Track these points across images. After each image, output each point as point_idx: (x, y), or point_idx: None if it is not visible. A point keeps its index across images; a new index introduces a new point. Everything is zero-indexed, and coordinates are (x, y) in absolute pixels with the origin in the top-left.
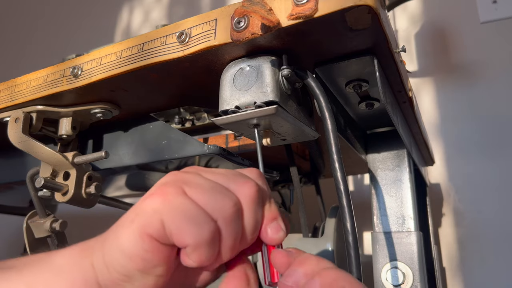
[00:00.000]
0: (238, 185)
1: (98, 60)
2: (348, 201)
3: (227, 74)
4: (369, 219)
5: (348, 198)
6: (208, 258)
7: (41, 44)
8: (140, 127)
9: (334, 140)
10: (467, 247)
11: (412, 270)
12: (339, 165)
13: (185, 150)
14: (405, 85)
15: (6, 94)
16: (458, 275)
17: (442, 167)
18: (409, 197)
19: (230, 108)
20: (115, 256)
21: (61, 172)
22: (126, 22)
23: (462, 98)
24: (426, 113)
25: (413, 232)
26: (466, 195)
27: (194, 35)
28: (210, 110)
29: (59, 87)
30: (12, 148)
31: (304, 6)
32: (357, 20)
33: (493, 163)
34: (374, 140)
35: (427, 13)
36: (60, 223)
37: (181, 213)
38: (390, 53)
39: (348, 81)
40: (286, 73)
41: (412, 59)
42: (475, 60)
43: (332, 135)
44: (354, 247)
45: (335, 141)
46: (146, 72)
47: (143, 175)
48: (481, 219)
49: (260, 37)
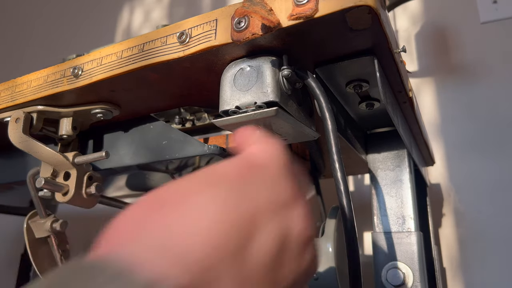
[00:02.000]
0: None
1: (98, 60)
2: (348, 201)
3: (228, 74)
4: (369, 219)
5: (348, 198)
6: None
7: (42, 44)
8: (141, 127)
9: (334, 140)
10: (467, 247)
11: (412, 270)
12: (339, 165)
13: (185, 150)
14: (406, 85)
15: (7, 94)
16: (459, 275)
17: (443, 167)
18: (409, 197)
19: (230, 109)
20: None
21: (62, 172)
22: (127, 22)
23: (463, 98)
24: (426, 113)
25: (413, 232)
26: (467, 195)
27: (194, 36)
28: (211, 110)
29: (59, 87)
30: (12, 148)
31: (304, 6)
32: (357, 20)
33: (494, 163)
34: (374, 140)
35: (428, 13)
36: (60, 223)
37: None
38: (391, 53)
39: (348, 81)
40: (286, 73)
41: (413, 59)
42: (476, 60)
43: (332, 135)
44: (355, 247)
45: (336, 141)
46: (147, 73)
47: (144, 175)
48: (482, 219)
49: (260, 38)
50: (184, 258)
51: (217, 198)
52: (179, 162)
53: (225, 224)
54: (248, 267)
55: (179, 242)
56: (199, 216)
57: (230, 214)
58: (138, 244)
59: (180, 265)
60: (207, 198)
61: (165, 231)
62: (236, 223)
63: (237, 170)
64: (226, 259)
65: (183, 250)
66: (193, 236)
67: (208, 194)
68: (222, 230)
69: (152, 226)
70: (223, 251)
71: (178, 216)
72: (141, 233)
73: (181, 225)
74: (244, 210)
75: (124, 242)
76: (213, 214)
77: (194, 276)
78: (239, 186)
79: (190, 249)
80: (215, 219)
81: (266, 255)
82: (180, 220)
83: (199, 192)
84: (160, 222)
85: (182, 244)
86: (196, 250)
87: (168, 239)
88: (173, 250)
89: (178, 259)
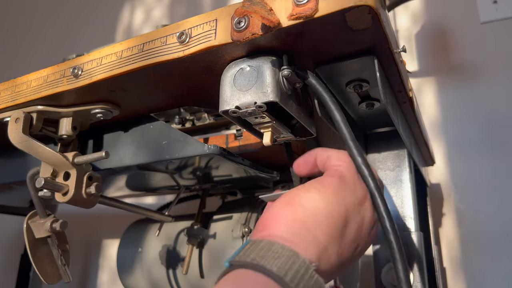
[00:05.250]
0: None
1: (98, 60)
2: (376, 186)
3: (228, 74)
4: None
5: (375, 183)
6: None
7: (41, 44)
8: (140, 127)
9: (347, 130)
10: (467, 247)
11: (413, 270)
12: (358, 152)
13: (185, 150)
14: (406, 85)
15: (7, 94)
16: (459, 275)
17: (443, 167)
18: (409, 197)
19: (230, 109)
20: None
21: (61, 172)
22: (128, 21)
23: (463, 98)
24: (426, 113)
25: (414, 232)
26: (467, 195)
27: (194, 35)
28: (210, 110)
29: (59, 87)
30: (12, 148)
31: (304, 6)
32: (357, 20)
33: (494, 163)
34: (374, 140)
35: (428, 13)
36: (60, 223)
37: None
38: (391, 53)
39: (348, 81)
40: (286, 73)
41: (413, 59)
42: (476, 60)
43: (343, 126)
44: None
45: (348, 130)
46: (147, 72)
47: (144, 175)
48: (482, 219)
49: (260, 37)
50: (314, 243)
51: (327, 203)
52: (179, 162)
53: (333, 219)
54: (343, 243)
55: (311, 232)
56: (318, 215)
57: (335, 212)
58: (291, 233)
59: (313, 245)
60: (322, 203)
61: (302, 225)
62: (338, 217)
63: (334, 183)
64: (334, 239)
65: (313, 238)
66: (317, 228)
67: (322, 201)
68: (331, 223)
69: (294, 220)
70: (333, 235)
71: (308, 216)
72: (290, 225)
73: (310, 222)
74: (342, 208)
75: (282, 231)
76: (325, 213)
77: (319, 252)
78: (337, 193)
79: (316, 238)
80: (327, 216)
81: (352, 234)
82: (309, 219)
83: (316, 200)
84: (298, 218)
85: (312, 235)
86: (320, 238)
87: (305, 230)
88: (309, 238)
89: (312, 244)
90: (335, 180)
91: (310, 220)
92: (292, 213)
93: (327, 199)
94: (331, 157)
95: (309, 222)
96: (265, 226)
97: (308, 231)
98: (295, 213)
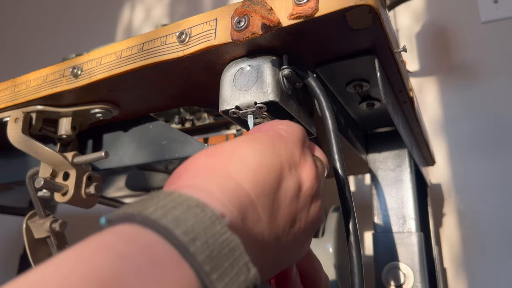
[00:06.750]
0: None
1: (98, 60)
2: (349, 201)
3: (227, 74)
4: (369, 219)
5: (349, 198)
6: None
7: (41, 44)
8: (140, 127)
9: (335, 140)
10: (468, 248)
11: (413, 270)
12: (340, 165)
13: (185, 150)
14: (406, 85)
15: (6, 94)
16: (460, 275)
17: (443, 167)
18: (410, 197)
19: (230, 108)
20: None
21: (61, 172)
22: (127, 21)
23: (464, 98)
24: (427, 113)
25: (414, 233)
26: (467, 195)
27: (194, 35)
28: (210, 110)
29: (59, 87)
30: (12, 148)
31: (304, 5)
32: (357, 19)
33: (495, 163)
34: (374, 140)
35: (429, 13)
36: (60, 223)
37: None
38: (391, 53)
39: (348, 81)
40: (286, 73)
41: (414, 58)
42: (477, 60)
43: (333, 135)
44: (356, 247)
45: (336, 141)
46: (146, 72)
47: (143, 175)
48: (483, 219)
49: (260, 37)
50: (237, 193)
51: (258, 151)
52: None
53: (263, 169)
54: (277, 206)
55: (233, 180)
56: (246, 162)
57: (267, 162)
58: (205, 181)
59: (234, 199)
60: (251, 150)
61: (222, 172)
62: (270, 169)
63: (269, 136)
64: (264, 194)
65: (236, 187)
66: (242, 176)
67: (251, 148)
68: (261, 173)
69: (213, 168)
70: (263, 188)
71: (231, 162)
72: (205, 173)
73: (233, 168)
74: (276, 161)
75: (194, 179)
76: (255, 161)
77: (243, 204)
78: (272, 145)
79: (240, 187)
80: (257, 165)
81: (288, 198)
82: (232, 165)
83: (244, 147)
84: (218, 165)
85: (235, 182)
86: (245, 188)
87: (225, 178)
88: (229, 186)
89: (233, 193)
90: (271, 133)
91: (233, 166)
92: (211, 161)
93: (257, 148)
94: (281, 122)
95: (232, 169)
96: (172, 180)
97: (229, 178)
98: (215, 162)
